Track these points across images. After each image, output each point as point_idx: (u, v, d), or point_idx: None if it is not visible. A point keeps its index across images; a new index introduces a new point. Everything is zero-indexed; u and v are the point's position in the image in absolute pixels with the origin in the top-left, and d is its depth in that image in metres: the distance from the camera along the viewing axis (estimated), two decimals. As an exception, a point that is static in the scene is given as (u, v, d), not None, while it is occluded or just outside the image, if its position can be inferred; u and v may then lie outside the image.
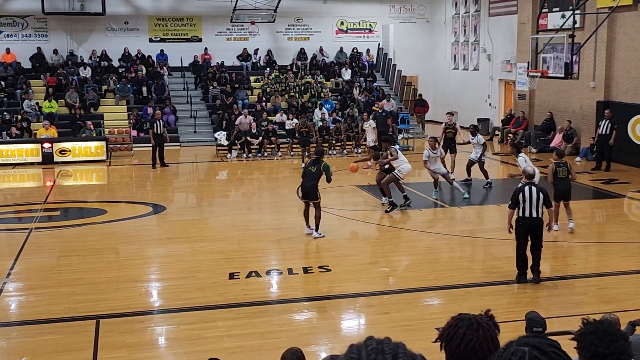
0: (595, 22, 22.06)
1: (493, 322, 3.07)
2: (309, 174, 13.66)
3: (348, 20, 33.44)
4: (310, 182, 13.60)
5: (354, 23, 33.58)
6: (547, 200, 10.59)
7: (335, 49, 32.86)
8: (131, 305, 10.11)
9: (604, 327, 3.13)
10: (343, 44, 32.98)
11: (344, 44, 33.01)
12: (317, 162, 13.72)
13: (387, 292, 10.64)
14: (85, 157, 23.41)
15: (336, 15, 33.19)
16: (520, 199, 10.45)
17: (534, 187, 10.52)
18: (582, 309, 9.60)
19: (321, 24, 33.04)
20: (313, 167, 13.71)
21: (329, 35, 33.23)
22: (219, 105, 27.68)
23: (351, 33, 33.57)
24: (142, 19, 31.07)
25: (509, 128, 27.02)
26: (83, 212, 16.79)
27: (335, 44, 33.02)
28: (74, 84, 27.98)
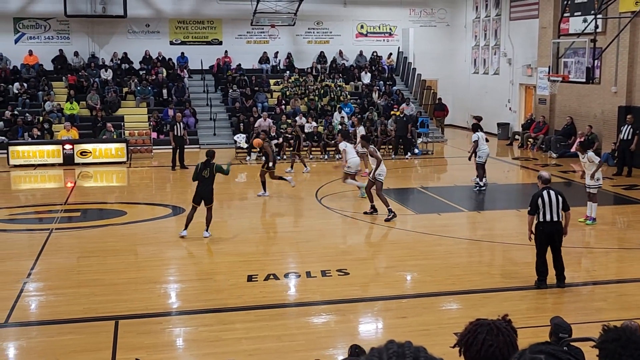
0: (617, 27, 21.88)
1: (512, 327, 3.05)
2: (204, 179, 13.65)
3: (368, 23, 33.42)
4: (208, 187, 13.65)
5: (374, 27, 33.56)
6: (566, 204, 10.52)
7: (355, 52, 32.86)
8: (150, 306, 10.15)
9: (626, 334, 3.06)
10: (363, 48, 32.97)
11: (364, 48, 32.99)
12: (208, 165, 13.68)
13: (405, 296, 10.61)
14: (105, 158, 23.58)
15: (356, 18, 33.19)
16: (540, 204, 10.37)
17: (552, 191, 10.46)
18: (602, 316, 9.52)
19: (341, 27, 33.06)
20: (205, 171, 13.65)
21: (349, 38, 33.24)
22: (238, 108, 27.77)
23: (371, 37, 33.55)
24: (163, 21, 31.27)
25: (529, 133, 26.86)
26: (103, 214, 16.90)
27: (355, 47, 33.02)
28: (95, 86, 28.21)
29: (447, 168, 24.38)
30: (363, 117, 25.29)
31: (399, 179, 21.56)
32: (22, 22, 29.92)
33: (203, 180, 13.69)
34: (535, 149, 26.12)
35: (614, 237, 14.50)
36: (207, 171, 13.65)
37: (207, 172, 13.64)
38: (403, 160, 24.52)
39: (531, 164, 23.56)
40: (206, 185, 13.67)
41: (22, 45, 29.79)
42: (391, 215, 15.12)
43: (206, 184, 13.67)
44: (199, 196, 13.75)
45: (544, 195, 10.40)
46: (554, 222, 10.39)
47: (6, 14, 29.62)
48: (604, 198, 18.19)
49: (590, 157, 14.60)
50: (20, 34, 30.00)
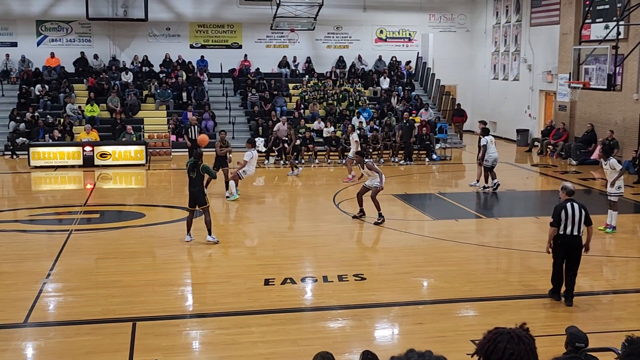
0: (639, 34, 21.71)
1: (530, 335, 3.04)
2: (192, 181, 13.58)
3: (387, 29, 33.41)
4: (195, 188, 13.56)
5: (394, 32, 33.54)
6: (589, 218, 10.16)
7: (374, 57, 32.85)
8: (167, 308, 10.19)
9: None
10: (382, 53, 32.96)
11: (383, 53, 32.98)
12: (196, 166, 13.58)
13: (422, 302, 10.57)
14: (125, 160, 23.74)
15: (376, 23, 33.19)
16: (563, 216, 10.01)
17: (575, 204, 10.10)
18: (621, 325, 9.43)
19: (360, 32, 33.07)
20: (193, 173, 13.56)
21: (368, 43, 33.25)
22: (257, 112, 27.85)
23: (390, 42, 33.53)
24: (184, 25, 31.45)
25: (549, 139, 26.71)
26: (122, 215, 17.00)
27: (374, 52, 33.02)
28: (116, 89, 28.42)
29: (465, 174, 24.27)
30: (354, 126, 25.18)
31: (416, 184, 21.52)
32: (45, 24, 30.22)
33: (191, 181, 13.65)
34: (555, 155, 25.97)
35: (635, 245, 14.36)
36: (194, 173, 13.58)
37: (194, 173, 13.57)
38: (421, 166, 24.47)
39: (550, 171, 23.41)
40: (194, 186, 13.62)
41: (44, 48, 30.10)
42: (381, 220, 15.23)
43: (194, 186, 13.62)
44: (191, 199, 13.70)
45: (568, 207, 10.04)
46: (574, 236, 10.05)
47: (29, 17, 29.93)
48: (624, 206, 18.03)
49: (612, 164, 14.47)
50: (42, 36, 30.31)
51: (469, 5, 34.06)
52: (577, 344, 6.14)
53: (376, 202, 15.30)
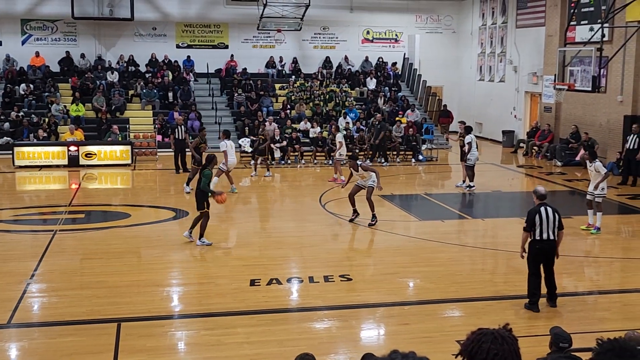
0: (624, 36, 21.87)
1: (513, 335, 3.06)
2: (197, 182, 13.64)
3: (374, 29, 33.46)
4: (198, 189, 13.59)
5: (380, 32, 33.61)
6: (561, 222, 10.09)
7: (361, 58, 32.90)
8: (152, 309, 10.16)
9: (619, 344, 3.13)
10: (368, 53, 33.01)
11: (370, 53, 33.04)
12: (202, 170, 13.64)
13: (408, 303, 10.59)
14: (110, 160, 23.64)
15: (362, 24, 33.24)
16: (537, 221, 9.92)
17: (549, 208, 10.01)
18: (605, 326, 9.50)
19: (347, 33, 33.11)
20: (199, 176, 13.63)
21: (355, 44, 33.29)
22: (243, 112, 27.82)
23: (377, 42, 33.59)
24: (170, 25, 31.36)
25: (534, 141, 26.84)
26: (107, 216, 16.92)
27: (360, 53, 33.06)
28: (101, 88, 28.30)
29: (451, 175, 24.35)
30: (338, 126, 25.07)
31: (402, 185, 21.56)
32: (30, 23, 30.03)
33: (197, 183, 13.67)
34: (540, 157, 26.11)
35: (619, 246, 14.46)
36: (199, 175, 13.64)
37: (199, 176, 13.64)
38: (407, 166, 24.52)
39: (536, 172, 23.54)
40: (197, 187, 13.64)
41: (29, 47, 29.92)
42: (374, 221, 15.18)
43: (197, 188, 13.65)
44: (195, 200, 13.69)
45: (542, 211, 9.94)
46: (550, 240, 9.96)
47: (14, 16, 29.74)
48: (608, 207, 18.15)
49: (597, 167, 14.62)
50: (27, 35, 30.12)
51: (456, 7, 34.17)
52: (561, 344, 6.19)
53: (371, 203, 15.21)
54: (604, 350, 3.14)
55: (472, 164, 19.17)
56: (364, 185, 15.42)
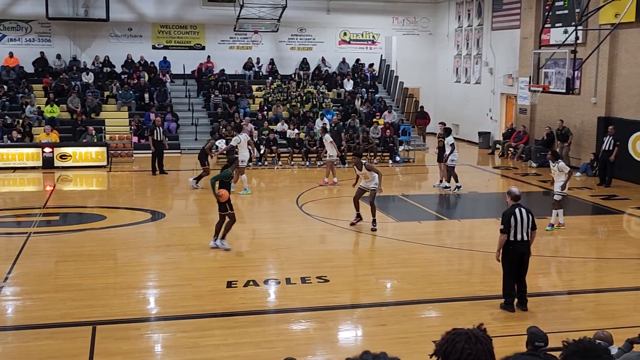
0: (597, 38, 22.12)
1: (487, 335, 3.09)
2: None
3: (351, 31, 33.53)
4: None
5: (357, 34, 33.68)
6: (534, 222, 10.17)
7: (338, 59, 32.94)
8: (128, 312, 10.08)
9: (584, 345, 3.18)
10: (346, 55, 33.07)
11: (347, 55, 33.10)
12: (223, 169, 13.55)
13: (385, 304, 10.61)
14: (85, 162, 23.44)
15: (339, 26, 33.30)
16: (512, 223, 9.97)
17: (523, 209, 10.08)
18: (579, 325, 9.59)
19: (324, 34, 33.14)
20: None
21: (332, 45, 33.33)
22: (220, 114, 27.73)
23: (354, 44, 33.66)
24: (146, 25, 31.18)
25: (510, 142, 27.05)
26: (82, 218, 16.77)
27: (337, 54, 33.12)
28: (76, 89, 28.05)
29: (428, 176, 24.46)
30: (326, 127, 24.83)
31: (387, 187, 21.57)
32: (3, 23, 29.70)
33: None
34: (516, 158, 26.31)
35: (592, 246, 14.61)
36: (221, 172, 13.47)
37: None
38: (384, 167, 24.58)
39: (511, 173, 23.72)
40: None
41: (2, 47, 29.57)
42: (375, 226, 15.08)
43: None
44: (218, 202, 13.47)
45: (517, 213, 9.99)
46: (524, 241, 10.03)
47: (-13, 16, 29.40)
48: (582, 208, 18.38)
49: (561, 167, 14.96)
50: (0, 35, 29.77)
51: (432, 9, 34.35)
52: (537, 343, 6.26)
53: (373, 207, 15.09)
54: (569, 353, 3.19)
55: (454, 164, 19.29)
56: (367, 188, 15.29)
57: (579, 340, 3.35)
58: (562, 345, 3.40)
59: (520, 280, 10.20)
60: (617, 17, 20.47)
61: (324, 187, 20.09)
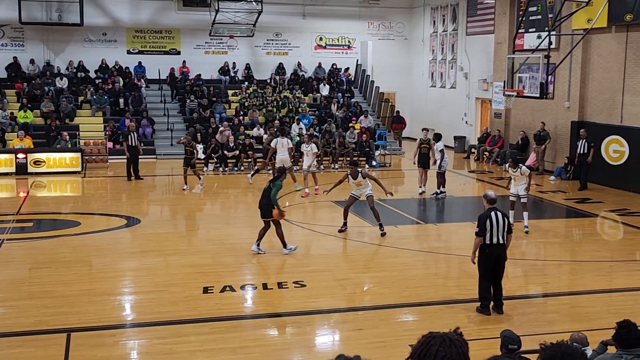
0: (570, 43, 22.35)
1: (463, 339, 3.10)
2: (263, 192, 13.53)
3: (327, 36, 33.61)
4: (263, 200, 13.46)
5: (333, 39, 33.76)
6: (510, 226, 10.25)
7: (314, 64, 32.99)
8: (103, 318, 9.99)
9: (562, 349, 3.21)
10: (321, 60, 33.13)
11: (323, 60, 33.16)
12: (273, 180, 13.59)
13: (362, 308, 10.62)
14: (59, 168, 23.21)
15: (315, 31, 33.36)
16: (488, 226, 10.00)
17: (499, 212, 10.12)
18: (554, 327, 9.66)
19: (300, 39, 33.18)
20: (267, 184, 13.59)
21: (308, 50, 33.38)
22: (196, 119, 27.62)
23: (330, 49, 33.74)
24: (120, 30, 31.00)
25: (485, 146, 27.24)
26: (56, 224, 16.60)
27: (313, 59, 33.17)
28: (50, 94, 27.79)
29: (404, 180, 24.56)
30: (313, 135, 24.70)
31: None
32: (-25, 28, 29.37)
33: (263, 193, 13.54)
34: (491, 162, 26.51)
35: (567, 249, 14.75)
36: (267, 184, 13.58)
37: (267, 184, 13.59)
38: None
39: (487, 177, 23.88)
40: (263, 197, 13.47)
41: (-26, 52, 29.24)
42: (383, 230, 15.07)
43: (263, 196, 13.48)
44: (260, 210, 13.51)
45: (492, 216, 10.03)
46: (500, 244, 10.06)
47: (-42, 20, 29.04)
48: (557, 211, 18.57)
49: (523, 171, 15.33)
50: (-28, 40, 29.44)
51: (407, 14, 34.54)
52: (510, 346, 6.30)
53: (376, 212, 15.06)
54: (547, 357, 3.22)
55: (443, 170, 19.39)
56: (358, 196, 15.28)
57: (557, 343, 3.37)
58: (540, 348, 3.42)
59: (496, 284, 10.26)
60: (589, 22, 20.71)
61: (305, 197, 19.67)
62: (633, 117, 20.70)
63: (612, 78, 21.45)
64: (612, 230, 17.03)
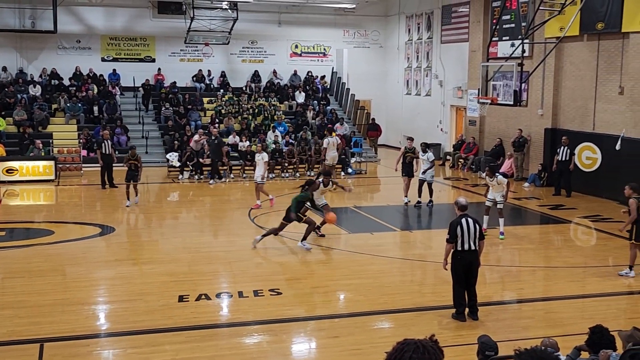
0: (543, 52, 22.62)
1: (438, 347, 3.12)
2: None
3: (302, 43, 33.67)
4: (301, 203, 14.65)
5: (308, 47, 33.83)
6: (482, 233, 10.33)
7: (289, 72, 33.03)
8: (77, 328, 9.88)
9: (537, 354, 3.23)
10: (297, 67, 33.18)
11: (298, 67, 33.22)
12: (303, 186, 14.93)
13: (338, 316, 10.62)
14: (33, 176, 22.98)
15: (290, 38, 33.40)
16: (459, 232, 10.10)
17: (470, 219, 10.22)
18: (529, 333, 9.73)
19: (275, 46, 33.20)
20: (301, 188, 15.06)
21: (283, 58, 33.41)
22: (171, 126, 27.50)
23: (305, 56, 33.80)
24: (95, 38, 30.80)
25: (460, 153, 27.42)
26: (29, 233, 16.41)
27: (289, 67, 33.21)
28: (23, 102, 27.52)
29: (380, 188, 24.64)
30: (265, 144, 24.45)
31: (331, 197, 21.63)
32: (-53, 35, 29.01)
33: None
34: (466, 169, 26.68)
35: (541, 255, 14.87)
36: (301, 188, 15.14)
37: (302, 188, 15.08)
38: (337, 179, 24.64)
39: (462, 184, 24.03)
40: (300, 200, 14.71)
41: (-55, 59, 28.88)
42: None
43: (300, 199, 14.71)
44: None
45: (463, 223, 10.13)
46: (472, 251, 10.16)
47: None
48: (531, 217, 18.73)
49: (500, 180, 15.56)
50: (-56, 47, 29.07)
51: (382, 22, 34.71)
52: (487, 352, 6.32)
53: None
54: None
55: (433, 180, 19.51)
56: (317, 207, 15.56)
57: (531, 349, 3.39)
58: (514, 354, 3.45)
59: (469, 290, 10.33)
60: (562, 30, 20.97)
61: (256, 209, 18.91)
62: (605, 124, 20.97)
63: (584, 86, 21.72)
64: (585, 236, 17.21)
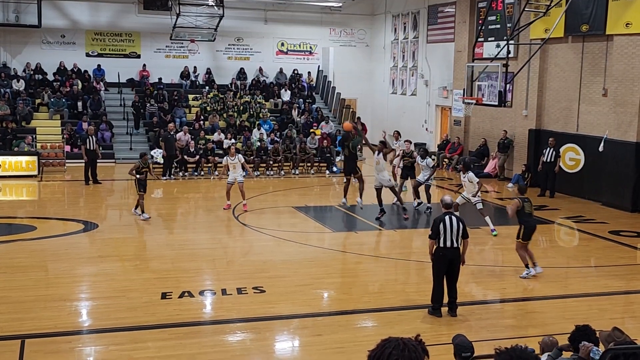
0: (528, 53, 22.72)
1: (422, 347, 3.14)
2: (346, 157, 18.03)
3: (288, 41, 33.63)
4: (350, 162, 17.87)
5: (295, 45, 33.80)
6: (466, 231, 10.44)
7: (275, 69, 32.99)
8: (59, 324, 9.83)
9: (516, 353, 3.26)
10: (283, 65, 33.15)
11: (284, 65, 33.18)
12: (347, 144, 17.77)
13: (321, 314, 10.63)
14: (15, 171, 22.81)
15: (277, 36, 33.35)
16: (441, 229, 10.22)
17: (453, 217, 10.35)
18: (511, 333, 9.79)
19: (261, 44, 33.15)
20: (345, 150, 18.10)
21: (269, 55, 33.36)
22: (156, 123, 27.38)
23: (291, 54, 33.77)
24: (79, 33, 30.60)
25: (445, 153, 27.50)
26: (11, 228, 16.29)
27: (275, 64, 33.17)
28: (6, 97, 27.30)
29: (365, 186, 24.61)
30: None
31: (316, 196, 21.68)
32: None
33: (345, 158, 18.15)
34: (451, 169, 26.76)
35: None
36: (346, 150, 17.89)
37: (346, 151, 17.80)
38: (321, 178, 24.65)
39: (446, 184, 24.10)
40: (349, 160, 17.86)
41: None
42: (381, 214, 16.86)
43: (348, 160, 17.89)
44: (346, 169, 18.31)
45: (446, 220, 10.26)
46: (454, 248, 10.28)
47: None
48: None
49: (470, 177, 15.91)
50: None
51: (369, 21, 34.74)
52: (464, 354, 6.30)
53: None
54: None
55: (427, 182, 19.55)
56: None
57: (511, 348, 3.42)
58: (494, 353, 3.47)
59: (450, 287, 10.43)
60: (547, 32, 21.07)
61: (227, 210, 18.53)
62: (588, 125, 21.11)
63: (568, 87, 21.85)
64: (568, 237, 17.32)
